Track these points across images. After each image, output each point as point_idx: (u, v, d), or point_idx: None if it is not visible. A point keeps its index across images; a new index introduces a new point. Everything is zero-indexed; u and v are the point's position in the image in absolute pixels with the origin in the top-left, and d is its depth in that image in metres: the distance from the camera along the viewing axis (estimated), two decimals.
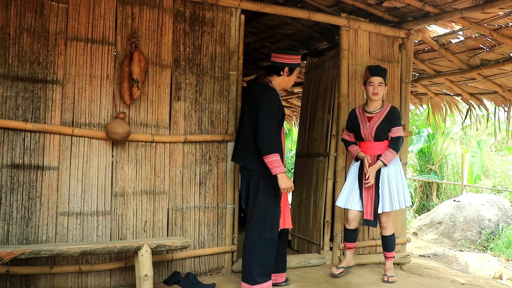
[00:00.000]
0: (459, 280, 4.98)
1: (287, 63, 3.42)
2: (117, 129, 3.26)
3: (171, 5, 3.65)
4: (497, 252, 7.82)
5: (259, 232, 3.27)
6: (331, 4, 4.55)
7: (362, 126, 3.79)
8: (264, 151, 3.15)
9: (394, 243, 3.91)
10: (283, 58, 3.42)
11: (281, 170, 3.15)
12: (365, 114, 3.83)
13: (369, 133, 3.76)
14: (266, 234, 3.27)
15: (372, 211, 3.74)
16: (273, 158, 3.14)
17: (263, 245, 3.26)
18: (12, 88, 3.12)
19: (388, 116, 3.75)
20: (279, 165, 3.14)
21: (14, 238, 3.12)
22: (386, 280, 3.84)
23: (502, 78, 5.16)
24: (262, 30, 5.88)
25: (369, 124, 3.76)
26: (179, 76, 3.68)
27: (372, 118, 3.78)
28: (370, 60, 4.51)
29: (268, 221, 3.28)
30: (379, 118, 3.76)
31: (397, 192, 3.73)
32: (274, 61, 3.44)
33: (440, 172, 12.06)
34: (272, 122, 3.22)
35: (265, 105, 3.24)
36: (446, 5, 4.08)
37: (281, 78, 3.44)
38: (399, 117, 3.79)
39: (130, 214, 3.49)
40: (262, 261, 3.26)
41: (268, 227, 3.28)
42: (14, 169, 3.13)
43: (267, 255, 3.28)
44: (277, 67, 3.43)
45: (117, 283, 3.43)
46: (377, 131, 3.73)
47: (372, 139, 3.76)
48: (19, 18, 3.15)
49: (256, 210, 3.29)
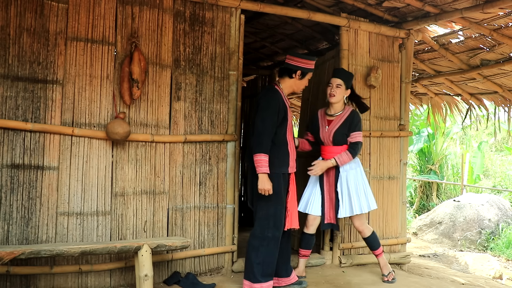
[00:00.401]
0: (459, 280, 4.99)
1: (300, 67, 3.43)
2: (117, 129, 3.26)
3: (171, 5, 3.65)
4: (497, 252, 7.82)
5: (262, 231, 3.30)
6: (331, 4, 4.55)
7: (322, 129, 3.76)
8: (254, 149, 3.25)
9: (377, 240, 3.89)
10: (297, 61, 3.44)
11: (264, 170, 3.21)
12: (325, 117, 3.78)
13: (328, 137, 3.72)
14: (269, 232, 3.29)
15: (333, 215, 3.77)
16: (259, 157, 3.21)
17: (265, 244, 3.28)
18: (12, 88, 3.12)
19: (347, 120, 3.69)
20: (264, 166, 3.21)
21: (14, 238, 3.12)
22: (386, 280, 3.84)
23: (502, 78, 5.17)
24: (262, 30, 5.88)
25: (328, 128, 3.72)
26: (179, 76, 3.68)
27: (331, 121, 3.74)
28: (370, 60, 4.52)
29: (270, 220, 3.30)
30: (338, 122, 3.70)
31: (358, 196, 3.70)
32: (288, 63, 3.46)
33: (440, 172, 12.06)
34: (267, 123, 3.25)
35: (262, 106, 3.30)
36: (446, 5, 4.08)
37: (292, 80, 3.46)
38: (359, 121, 3.72)
39: (130, 214, 3.49)
40: (264, 259, 3.27)
41: (271, 225, 3.29)
42: (14, 169, 3.13)
43: (270, 254, 3.29)
44: (290, 69, 3.45)
45: (117, 283, 3.43)
46: (335, 136, 3.69)
47: (330, 143, 3.72)
48: (19, 18, 3.15)
49: (259, 209, 3.35)
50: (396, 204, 4.70)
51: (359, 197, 3.71)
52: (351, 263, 4.33)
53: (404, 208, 4.77)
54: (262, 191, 3.23)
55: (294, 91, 3.57)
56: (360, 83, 4.47)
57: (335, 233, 4.34)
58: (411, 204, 11.69)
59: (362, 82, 4.48)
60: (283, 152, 3.36)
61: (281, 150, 3.35)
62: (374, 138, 4.56)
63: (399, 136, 4.70)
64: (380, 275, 3.98)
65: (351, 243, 4.41)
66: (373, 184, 4.54)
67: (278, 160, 3.33)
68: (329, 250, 4.36)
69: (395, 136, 4.68)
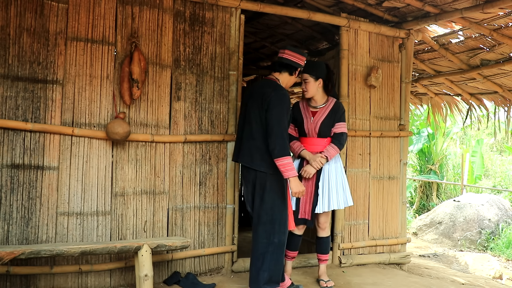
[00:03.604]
0: (459, 280, 4.99)
1: (301, 65, 3.35)
2: (117, 129, 3.26)
3: (171, 5, 3.65)
4: (497, 252, 7.82)
5: (268, 236, 3.14)
6: (331, 4, 4.55)
7: (306, 121, 3.62)
8: (277, 153, 3.05)
9: (329, 245, 3.78)
10: (299, 59, 3.31)
11: (294, 174, 3.07)
12: (309, 109, 3.65)
13: (313, 129, 3.60)
14: (275, 238, 3.14)
15: (309, 210, 3.58)
16: (286, 161, 3.04)
17: (271, 250, 3.13)
18: (12, 88, 3.12)
19: (332, 111, 3.60)
20: (292, 169, 3.06)
21: (14, 238, 3.12)
22: (325, 286, 3.65)
23: (502, 78, 5.17)
24: (262, 30, 5.88)
25: (313, 119, 3.61)
26: (179, 76, 3.68)
27: (316, 112, 3.63)
28: (370, 60, 4.52)
29: (276, 224, 3.15)
30: (324, 113, 3.61)
31: (336, 192, 3.60)
32: (289, 59, 3.29)
33: (440, 172, 12.06)
34: (284, 123, 3.11)
35: (276, 104, 3.10)
36: (446, 5, 4.08)
37: (290, 77, 3.36)
38: (344, 112, 3.64)
39: (130, 214, 3.49)
40: (270, 266, 3.13)
41: (277, 230, 3.15)
42: (14, 169, 3.13)
43: (276, 260, 3.15)
44: (291, 66, 3.31)
45: (117, 283, 3.43)
46: (321, 127, 3.58)
47: (315, 135, 3.60)
48: (19, 18, 3.15)
49: (263, 213, 3.16)
50: (396, 204, 4.70)
51: (337, 192, 3.60)
52: (351, 263, 4.33)
53: (404, 208, 4.77)
54: (297, 194, 3.11)
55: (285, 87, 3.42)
56: (360, 83, 4.47)
57: (335, 233, 4.34)
58: (411, 204, 11.69)
59: (362, 82, 4.48)
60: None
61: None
62: (374, 138, 4.56)
63: (399, 136, 4.70)
64: (382, 274, 3.98)
65: (351, 243, 4.41)
66: (373, 184, 4.55)
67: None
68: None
69: (395, 136, 4.68)
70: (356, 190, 4.45)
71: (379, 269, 4.28)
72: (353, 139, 4.43)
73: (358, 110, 4.47)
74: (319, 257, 3.75)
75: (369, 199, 4.54)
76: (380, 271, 4.16)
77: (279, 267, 3.19)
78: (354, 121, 4.44)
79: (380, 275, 4.01)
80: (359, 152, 4.46)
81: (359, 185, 4.48)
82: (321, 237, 3.70)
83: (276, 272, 3.17)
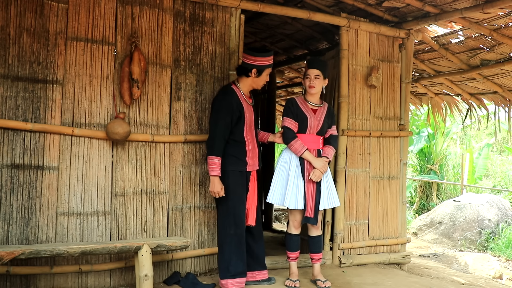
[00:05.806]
0: (459, 280, 4.99)
1: (255, 65, 3.38)
2: (117, 129, 3.26)
3: (171, 5, 3.65)
4: (497, 252, 7.83)
5: (224, 227, 3.38)
6: (331, 4, 4.56)
7: (309, 117, 3.62)
8: (207, 152, 3.37)
9: (322, 244, 3.84)
10: (251, 60, 3.39)
11: (214, 173, 3.28)
12: (308, 106, 3.64)
13: (316, 126, 3.63)
14: (231, 229, 3.35)
15: (313, 208, 3.56)
16: (211, 160, 3.28)
17: (229, 241, 3.35)
18: (12, 88, 3.12)
19: (328, 113, 3.71)
20: (215, 168, 3.28)
21: (14, 238, 3.12)
22: (323, 286, 3.61)
23: (502, 78, 5.17)
24: (262, 30, 5.88)
25: (315, 117, 3.64)
26: (179, 76, 3.68)
27: (316, 110, 3.66)
28: (370, 60, 4.52)
29: (231, 217, 3.36)
30: (323, 113, 3.67)
31: (333, 190, 3.72)
32: (243, 61, 3.44)
33: (440, 172, 12.06)
34: (219, 125, 3.29)
35: (214, 107, 3.39)
36: (446, 5, 4.09)
37: (250, 79, 3.43)
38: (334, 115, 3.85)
39: (130, 214, 3.49)
40: (230, 256, 3.33)
41: (232, 223, 3.36)
42: (14, 169, 3.13)
43: (234, 252, 3.34)
44: (245, 68, 3.41)
45: (117, 283, 3.43)
46: (323, 125, 3.65)
47: (315, 132, 3.64)
48: (19, 18, 3.15)
49: (219, 207, 3.44)
50: (396, 204, 4.70)
51: (332, 190, 3.71)
52: (351, 263, 4.33)
53: (404, 208, 4.77)
54: (212, 193, 3.32)
55: (254, 88, 3.51)
56: (360, 83, 4.47)
57: (335, 233, 4.34)
58: (411, 204, 11.69)
59: (363, 82, 4.48)
60: (240, 150, 3.39)
61: (238, 149, 3.38)
62: (374, 138, 4.56)
63: (399, 136, 4.70)
64: (382, 274, 3.98)
65: (351, 243, 4.41)
66: (373, 184, 4.55)
67: (235, 158, 3.38)
68: (329, 250, 4.36)
69: (395, 136, 4.68)
70: (356, 190, 4.46)
71: (379, 269, 4.28)
72: (353, 139, 4.43)
73: (358, 110, 4.47)
74: (313, 257, 3.74)
75: (369, 199, 4.54)
76: (380, 271, 4.16)
77: (238, 258, 3.35)
78: (354, 121, 4.44)
79: (380, 275, 4.01)
80: (359, 152, 4.46)
81: (359, 185, 4.48)
82: (315, 236, 3.70)
83: (235, 262, 3.34)
